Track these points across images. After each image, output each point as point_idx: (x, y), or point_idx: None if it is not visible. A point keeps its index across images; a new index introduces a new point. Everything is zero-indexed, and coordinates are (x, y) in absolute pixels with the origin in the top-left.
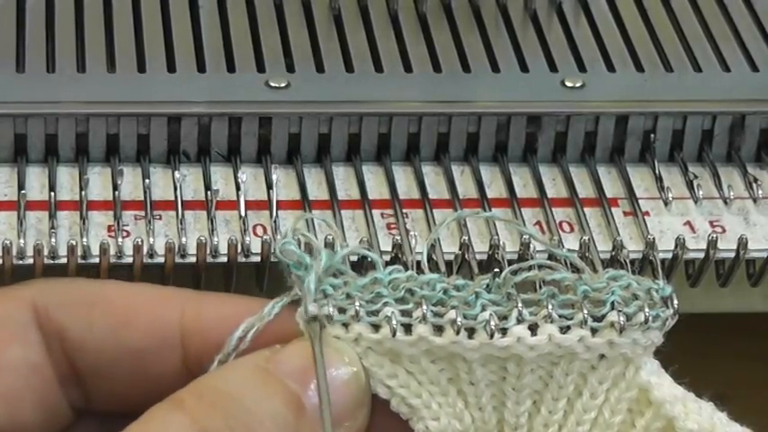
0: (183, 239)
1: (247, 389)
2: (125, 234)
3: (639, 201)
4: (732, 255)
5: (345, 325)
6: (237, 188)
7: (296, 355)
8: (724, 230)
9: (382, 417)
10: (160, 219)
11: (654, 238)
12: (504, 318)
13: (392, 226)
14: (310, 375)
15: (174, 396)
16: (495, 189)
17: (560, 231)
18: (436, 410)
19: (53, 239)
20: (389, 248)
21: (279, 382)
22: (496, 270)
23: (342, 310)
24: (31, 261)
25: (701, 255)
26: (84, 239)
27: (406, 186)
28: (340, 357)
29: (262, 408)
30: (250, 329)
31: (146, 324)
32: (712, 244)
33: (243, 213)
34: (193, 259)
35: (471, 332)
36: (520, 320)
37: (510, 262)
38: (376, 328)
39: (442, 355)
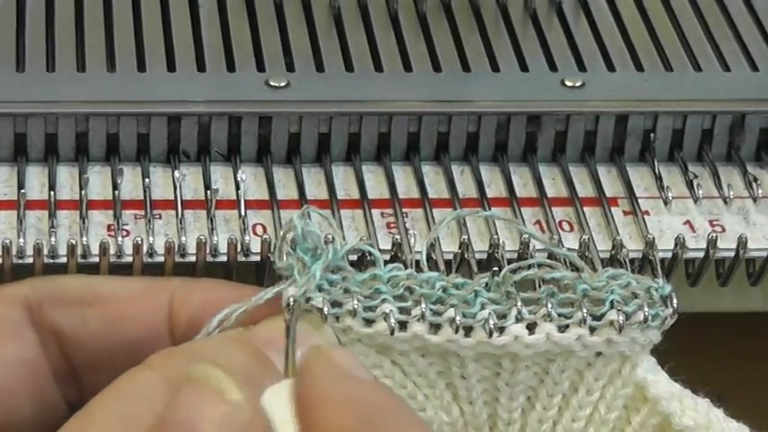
0: (183, 239)
1: (219, 350)
2: (125, 233)
3: (639, 200)
4: (732, 254)
5: (337, 317)
6: (237, 188)
7: (269, 327)
8: (724, 230)
9: None
10: (160, 218)
11: (653, 238)
12: (504, 316)
13: (392, 225)
14: (282, 345)
15: (147, 360)
16: (494, 188)
17: (560, 230)
18: (422, 402)
19: (53, 239)
20: (389, 247)
21: (251, 346)
22: (496, 269)
23: (337, 304)
24: (30, 260)
25: (701, 254)
26: (84, 239)
27: (405, 186)
28: (314, 334)
29: (233, 364)
30: (234, 313)
31: (138, 314)
32: (712, 243)
33: (243, 213)
34: (193, 258)
35: (468, 330)
36: (519, 319)
37: (509, 261)
38: (368, 322)
39: (434, 351)
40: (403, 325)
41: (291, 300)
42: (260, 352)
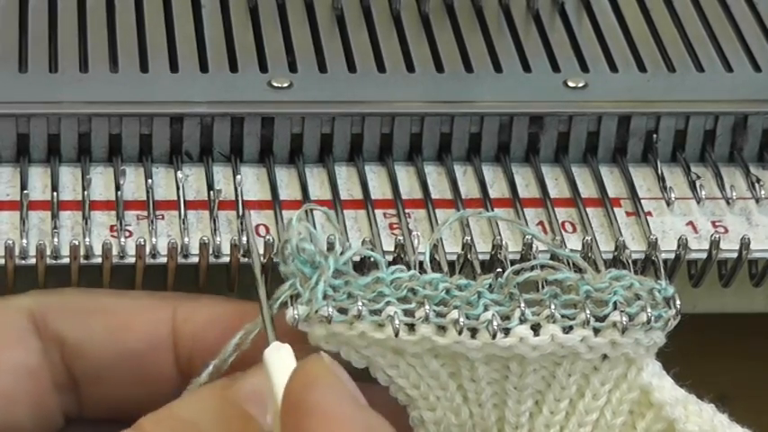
0: (186, 240)
1: (204, 413)
2: (127, 234)
3: (642, 201)
4: (734, 255)
5: (350, 323)
6: (236, 189)
7: (254, 379)
8: (726, 231)
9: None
10: (162, 219)
11: (656, 239)
12: (507, 318)
13: (394, 226)
14: (268, 399)
15: (137, 423)
16: (497, 189)
17: (563, 231)
18: (433, 402)
19: (56, 239)
20: (392, 248)
21: (236, 406)
22: (499, 270)
23: (343, 311)
24: (33, 261)
25: (704, 255)
26: (87, 239)
27: (408, 186)
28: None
29: (218, 431)
30: (250, 334)
31: (141, 328)
32: (715, 244)
33: (242, 214)
34: (196, 259)
35: (474, 332)
36: (522, 320)
37: (512, 262)
38: (379, 326)
39: (444, 353)
40: (411, 327)
41: (295, 318)
42: (242, 411)
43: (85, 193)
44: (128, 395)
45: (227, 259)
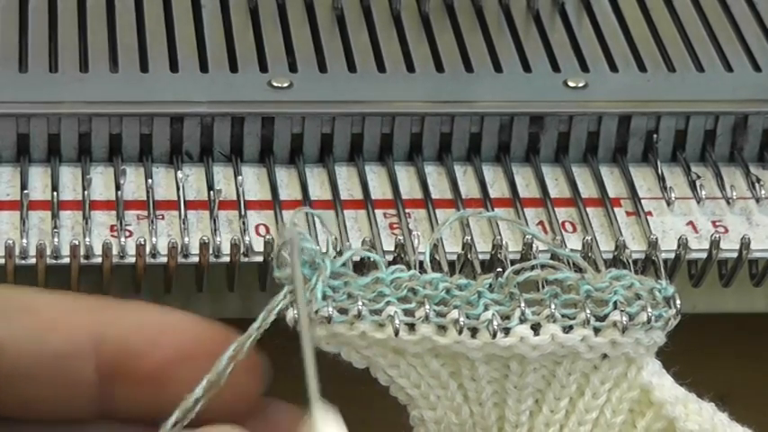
0: (186, 239)
1: None
2: (128, 234)
3: (642, 201)
4: (735, 255)
5: (351, 323)
6: (237, 189)
7: None
8: (726, 230)
9: None
10: (163, 219)
11: (656, 238)
12: (507, 317)
13: (395, 226)
14: None
15: None
16: (497, 189)
17: (563, 231)
18: (433, 401)
19: (56, 239)
20: (392, 248)
21: None
22: (499, 270)
23: (343, 311)
24: (33, 261)
25: (704, 255)
26: (87, 239)
27: (408, 186)
28: None
29: None
30: (243, 345)
31: (64, 329)
32: (715, 244)
33: (243, 213)
34: (196, 259)
35: (474, 332)
36: (522, 320)
37: (513, 262)
38: (380, 326)
39: (445, 353)
40: (412, 327)
41: (295, 319)
42: None
43: (86, 192)
44: (44, 396)
45: (227, 259)
